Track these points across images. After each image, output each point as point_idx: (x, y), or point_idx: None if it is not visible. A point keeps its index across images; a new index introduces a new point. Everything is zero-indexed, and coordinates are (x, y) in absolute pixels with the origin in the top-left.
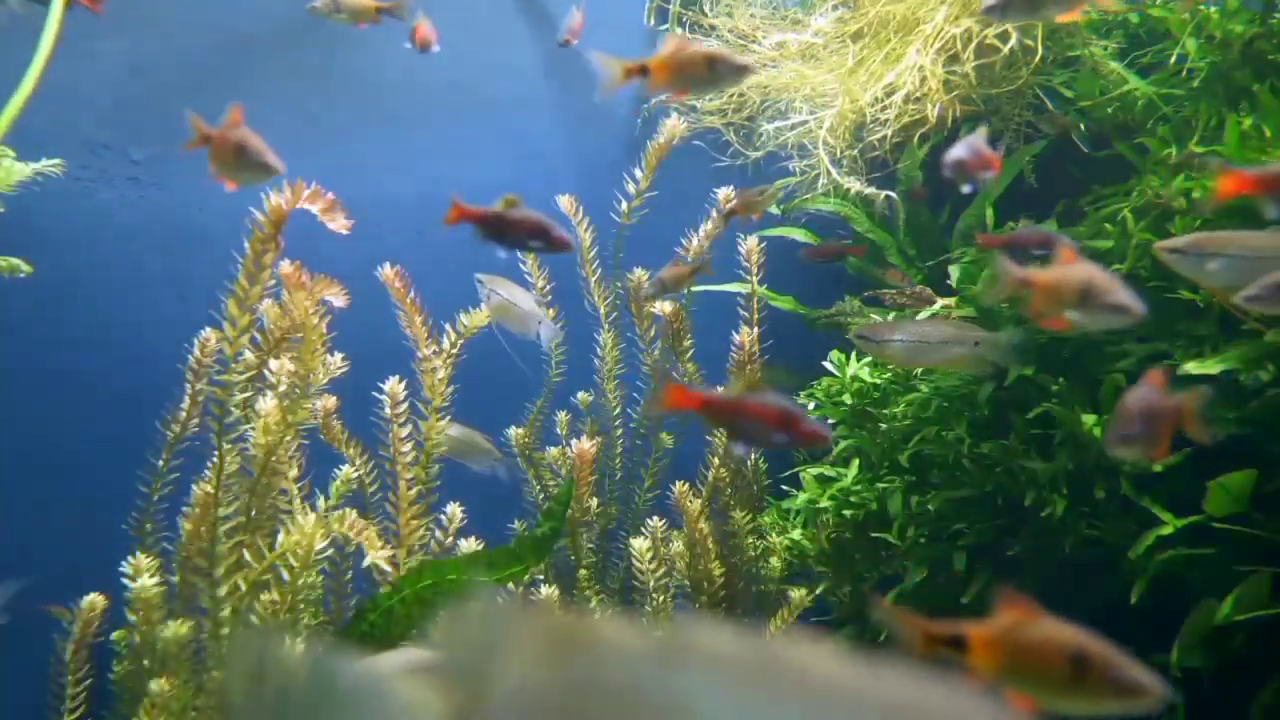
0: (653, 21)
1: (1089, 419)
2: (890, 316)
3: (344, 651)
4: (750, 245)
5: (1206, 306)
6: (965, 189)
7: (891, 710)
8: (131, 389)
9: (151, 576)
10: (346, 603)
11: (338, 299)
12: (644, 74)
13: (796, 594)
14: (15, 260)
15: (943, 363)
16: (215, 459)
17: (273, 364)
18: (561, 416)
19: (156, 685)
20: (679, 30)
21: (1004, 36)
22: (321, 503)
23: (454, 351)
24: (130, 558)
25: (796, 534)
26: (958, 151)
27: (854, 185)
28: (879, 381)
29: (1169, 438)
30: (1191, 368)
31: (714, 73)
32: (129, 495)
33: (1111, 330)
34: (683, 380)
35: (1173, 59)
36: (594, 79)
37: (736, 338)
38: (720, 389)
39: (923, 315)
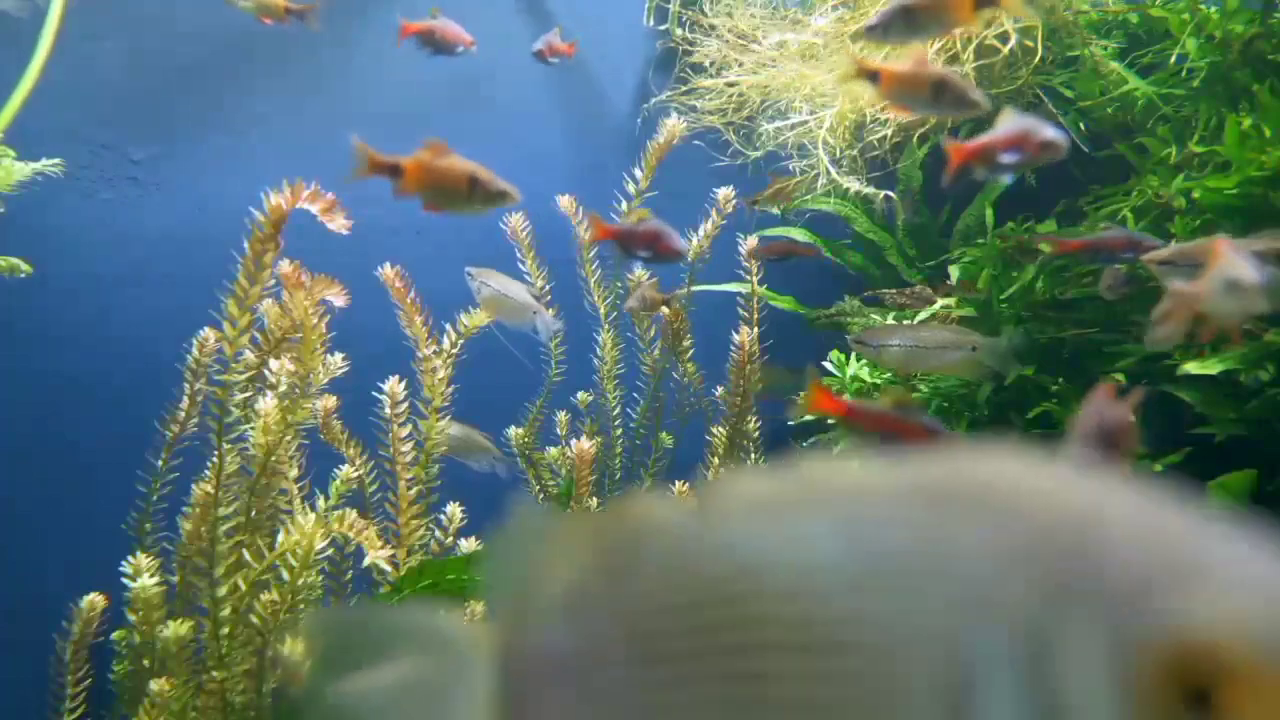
0: (652, 21)
1: None
2: (890, 318)
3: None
4: (750, 245)
5: None
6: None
7: (933, 492)
8: (131, 389)
9: (151, 576)
10: (347, 603)
11: (338, 299)
12: (873, 79)
13: None
14: (15, 260)
15: (939, 368)
16: (215, 459)
17: (273, 364)
18: (561, 416)
19: (156, 685)
20: (679, 30)
21: (1003, 37)
22: (321, 503)
23: (454, 351)
24: (130, 558)
25: None
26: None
27: (853, 185)
28: (879, 381)
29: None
30: (1191, 368)
31: (938, 97)
32: (129, 495)
33: (1111, 330)
34: (824, 384)
35: (1173, 59)
36: (594, 80)
37: (736, 338)
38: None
39: (922, 315)
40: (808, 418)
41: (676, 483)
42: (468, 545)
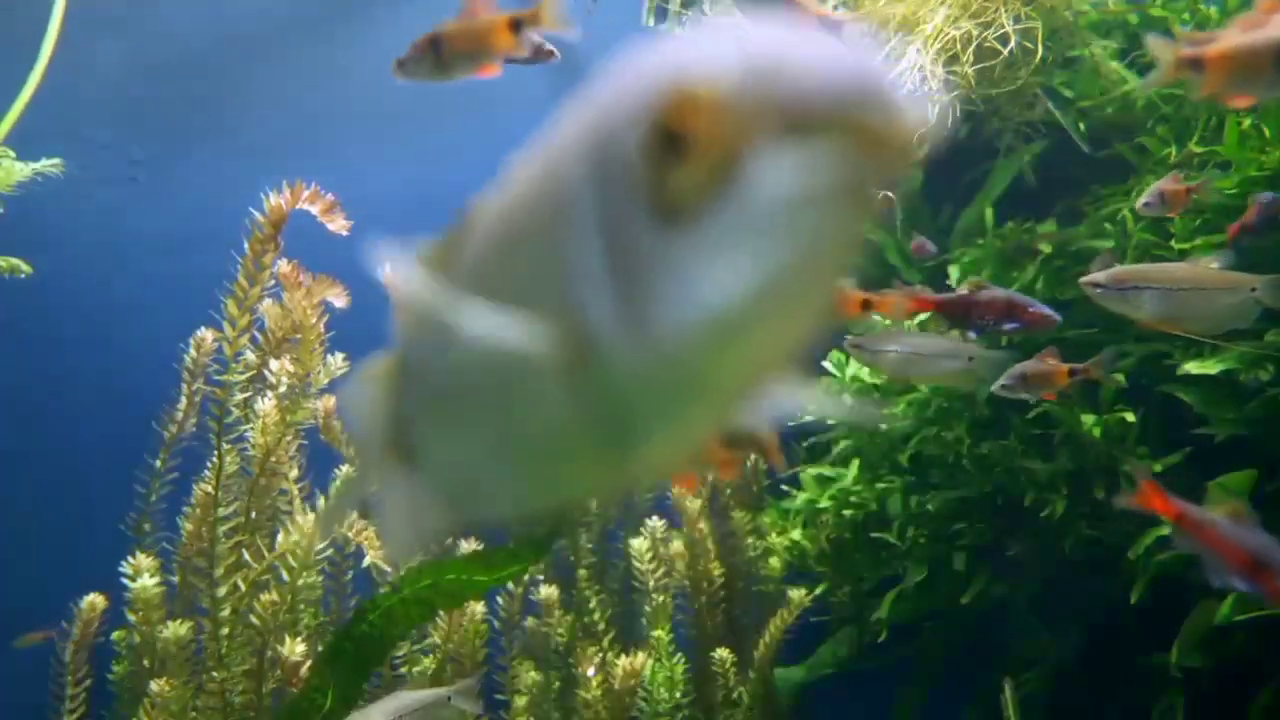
0: (652, 21)
1: (1089, 419)
2: (889, 320)
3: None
4: None
5: None
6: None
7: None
8: (131, 389)
9: (151, 576)
10: (346, 603)
11: (338, 299)
12: (1197, 68)
13: (796, 594)
14: (15, 260)
15: (935, 376)
16: (215, 459)
17: (273, 364)
18: None
19: (156, 685)
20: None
21: (1004, 39)
22: (321, 503)
23: None
24: (130, 558)
25: (796, 534)
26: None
27: None
28: (878, 382)
29: None
30: (1191, 368)
31: None
32: (129, 495)
33: (1110, 330)
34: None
35: None
36: (591, 78)
37: None
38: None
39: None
40: (809, 418)
41: (675, 483)
42: (468, 545)
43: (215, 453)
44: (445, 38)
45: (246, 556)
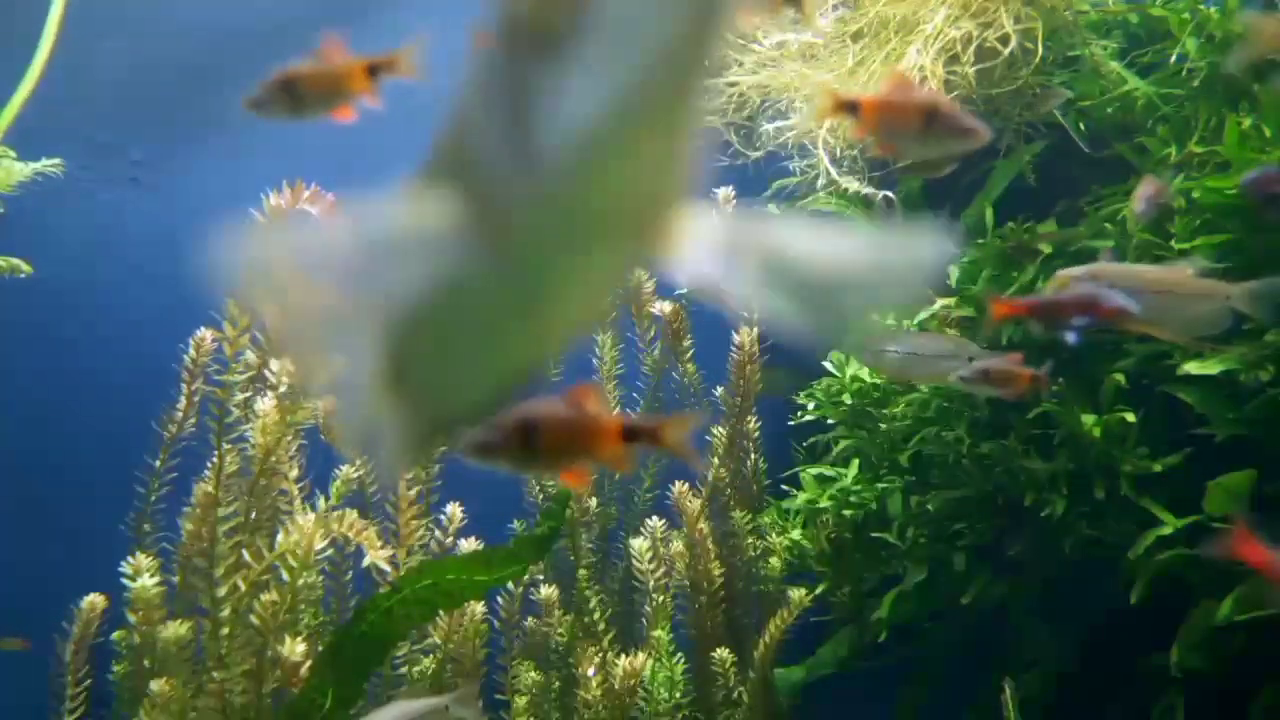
0: None
1: (1089, 419)
2: (889, 318)
3: None
4: None
5: None
6: None
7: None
8: (131, 389)
9: (151, 576)
10: (346, 603)
11: None
12: None
13: (796, 594)
14: (15, 260)
15: (936, 377)
16: (215, 459)
17: (273, 364)
18: None
19: (156, 685)
20: None
21: (1004, 40)
22: (321, 503)
23: None
24: (130, 558)
25: (796, 534)
26: None
27: (853, 185)
28: (879, 381)
29: None
30: (1191, 368)
31: None
32: (129, 495)
33: (1111, 330)
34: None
35: (1173, 59)
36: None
37: (736, 338)
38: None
39: (921, 315)
40: (809, 418)
41: (676, 483)
42: (468, 545)
43: (215, 453)
44: (298, 79)
45: (246, 556)
